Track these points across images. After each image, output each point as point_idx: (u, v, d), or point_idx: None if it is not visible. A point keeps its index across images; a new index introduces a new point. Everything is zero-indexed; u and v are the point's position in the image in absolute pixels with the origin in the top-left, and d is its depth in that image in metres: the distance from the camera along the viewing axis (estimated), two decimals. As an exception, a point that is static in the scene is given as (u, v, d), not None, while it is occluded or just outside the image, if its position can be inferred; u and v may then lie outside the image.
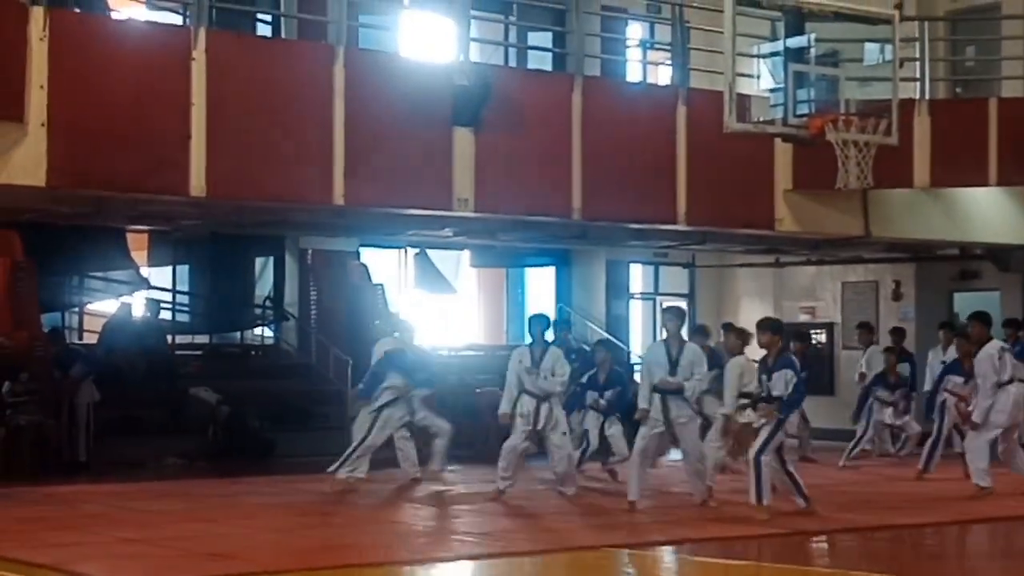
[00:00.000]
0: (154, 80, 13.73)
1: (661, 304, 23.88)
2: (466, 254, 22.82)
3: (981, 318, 14.78)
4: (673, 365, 12.87)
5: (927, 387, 18.72)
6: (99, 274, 20.07)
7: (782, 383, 12.25)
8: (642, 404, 12.88)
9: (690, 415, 13.00)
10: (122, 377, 18.14)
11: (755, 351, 13.39)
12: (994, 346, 14.21)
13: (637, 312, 23.69)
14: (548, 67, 19.62)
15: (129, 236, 19.83)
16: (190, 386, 18.27)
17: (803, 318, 22.66)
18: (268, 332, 21.40)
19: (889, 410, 18.13)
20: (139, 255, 20.47)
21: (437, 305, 22.60)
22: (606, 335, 21.70)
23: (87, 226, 17.47)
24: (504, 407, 13.67)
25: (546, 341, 13.94)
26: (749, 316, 22.93)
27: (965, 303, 20.75)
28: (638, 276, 23.80)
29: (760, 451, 12.21)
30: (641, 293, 23.85)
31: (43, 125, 13.05)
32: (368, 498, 13.87)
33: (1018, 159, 17.34)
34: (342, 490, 13.98)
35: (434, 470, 15.01)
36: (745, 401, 13.27)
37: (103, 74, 13.45)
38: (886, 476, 16.50)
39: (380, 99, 14.89)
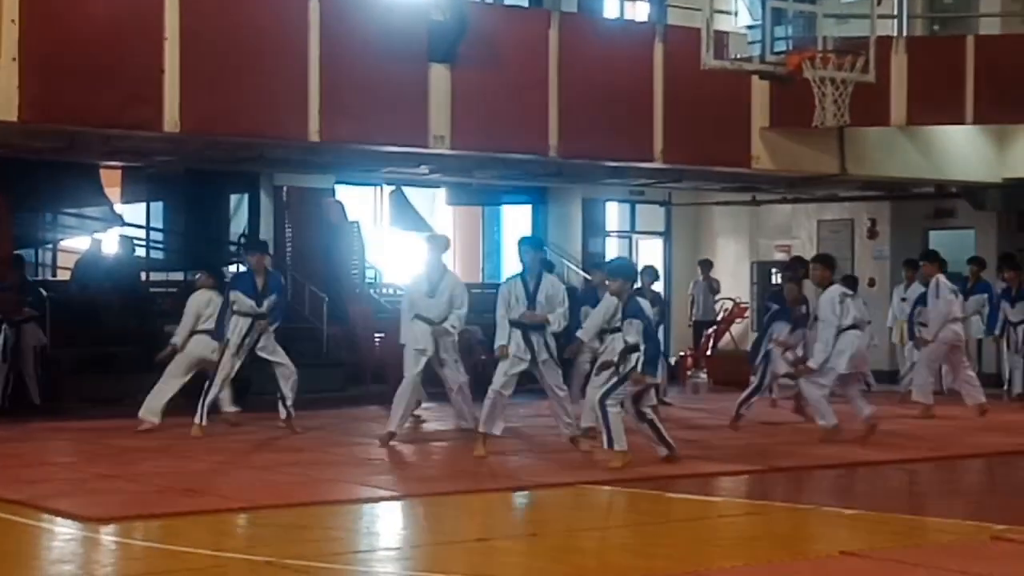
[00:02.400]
0: (127, 14, 13.62)
1: (637, 243, 23.97)
2: (442, 192, 22.77)
3: (824, 261, 14.13)
4: (531, 299, 12.29)
5: (889, 324, 19.04)
6: (72, 211, 19.96)
7: (633, 331, 11.47)
8: (500, 340, 12.27)
9: (550, 352, 12.37)
10: (96, 314, 18.07)
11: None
12: (836, 290, 13.60)
13: (613, 250, 23.69)
14: (524, 3, 19.51)
15: (103, 172, 19.72)
16: (165, 324, 18.20)
17: (779, 256, 22.70)
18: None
19: None
20: (113, 192, 20.35)
21: (412, 243, 22.56)
22: (582, 273, 21.70)
23: (60, 162, 17.35)
24: (500, 339, 12.38)
25: (541, 268, 12.62)
26: (725, 254, 23.06)
27: (940, 241, 20.83)
28: (614, 214, 23.79)
29: (604, 396, 11.46)
30: (617, 231, 23.85)
31: (14, 60, 12.95)
32: (344, 435, 13.89)
33: (994, 97, 17.37)
34: (233, 424, 13.98)
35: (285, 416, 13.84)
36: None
37: (75, 8, 13.34)
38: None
39: (355, 35, 14.79)
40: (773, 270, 22.07)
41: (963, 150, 19.19)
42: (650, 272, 15.87)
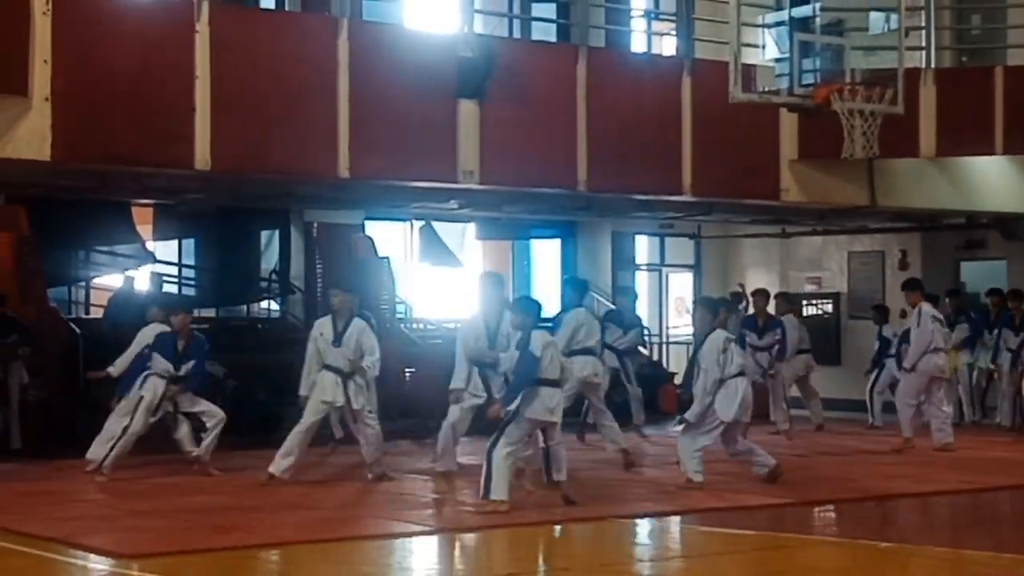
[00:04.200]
0: (158, 53, 13.71)
1: (666, 276, 23.93)
2: (472, 226, 22.80)
3: (704, 304, 13.20)
4: (491, 338, 11.90)
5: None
6: (104, 248, 20.06)
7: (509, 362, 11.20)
8: (455, 383, 11.85)
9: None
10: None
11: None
12: (719, 336, 12.51)
13: (643, 283, 23.67)
14: (552, 38, 19.57)
15: (134, 210, 19.81)
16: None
17: (809, 288, 22.65)
18: (274, 305, 21.39)
19: None
20: (144, 229, 20.46)
21: (442, 278, 22.57)
22: (612, 306, 21.68)
23: (92, 200, 17.46)
24: (456, 382, 11.99)
25: (502, 307, 12.11)
26: (755, 286, 22.96)
27: (971, 272, 20.76)
28: (644, 247, 23.77)
29: (492, 442, 11.00)
30: (647, 264, 23.83)
31: (47, 99, 13.04)
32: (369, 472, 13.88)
33: (1024, 128, 17.31)
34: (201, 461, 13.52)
35: (198, 454, 13.59)
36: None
37: (107, 47, 13.43)
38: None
39: (384, 71, 14.86)
40: (804, 302, 22.02)
41: (993, 181, 19.12)
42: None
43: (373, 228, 20.90)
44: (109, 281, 20.94)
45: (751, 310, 17.79)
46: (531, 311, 11.44)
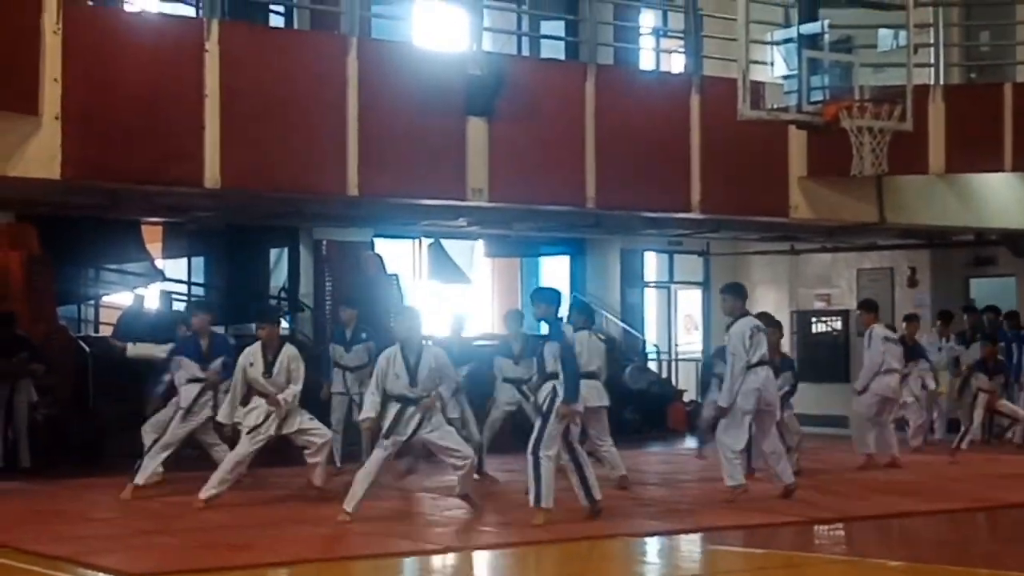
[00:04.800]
0: (167, 72, 13.73)
1: (675, 293, 23.91)
2: (480, 244, 22.81)
3: (734, 290, 13.21)
4: (412, 375, 11.49)
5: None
6: (114, 266, 20.08)
7: (551, 358, 11.05)
8: (366, 412, 11.57)
9: (438, 423, 11.64)
10: (139, 368, 18.10)
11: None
12: (747, 321, 12.74)
13: (652, 301, 23.66)
14: (561, 56, 19.58)
15: (144, 228, 19.84)
16: (206, 377, 18.24)
17: (819, 305, 22.62)
18: (283, 323, 21.41)
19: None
20: (154, 247, 20.49)
21: (451, 295, 22.59)
22: (621, 324, 21.69)
23: (102, 218, 17.48)
24: (368, 411, 11.80)
25: (421, 340, 12.23)
26: (764, 303, 22.92)
27: (981, 289, 20.72)
28: (652, 264, 23.76)
29: (535, 445, 10.92)
30: (656, 281, 23.82)
31: (57, 118, 13.06)
32: (385, 488, 13.86)
33: (1033, 144, 17.29)
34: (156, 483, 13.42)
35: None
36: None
37: (117, 66, 13.45)
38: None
39: (393, 89, 14.87)
40: (813, 319, 22.00)
41: (1003, 197, 19.09)
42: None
43: (382, 246, 20.92)
44: (118, 299, 20.97)
45: None
46: (553, 300, 11.52)
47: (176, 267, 21.23)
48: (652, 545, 10.78)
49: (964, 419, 17.65)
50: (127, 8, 15.23)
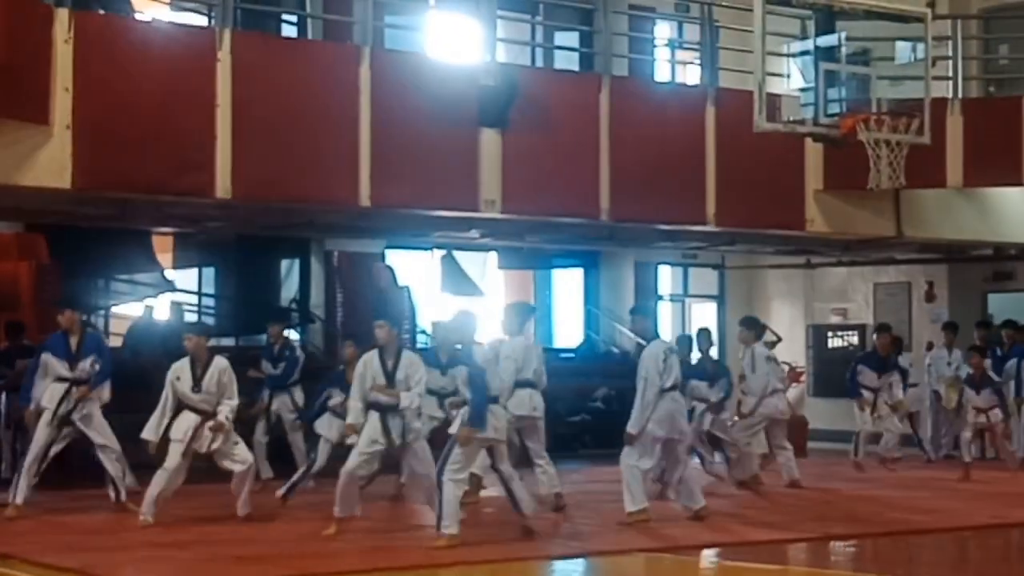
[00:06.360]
0: (179, 81, 13.67)
1: (690, 306, 23.76)
2: (493, 256, 22.71)
3: (640, 310, 13.10)
4: (389, 378, 11.44)
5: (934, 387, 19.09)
6: (124, 277, 20.03)
7: (460, 383, 10.97)
8: (350, 419, 11.51)
9: (415, 431, 11.47)
10: (149, 379, 18.03)
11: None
12: (659, 345, 12.42)
13: (666, 314, 23.52)
14: (575, 67, 19.50)
15: (154, 238, 19.79)
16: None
17: (835, 319, 22.48)
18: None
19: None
20: (164, 257, 20.43)
21: (464, 307, 22.48)
22: (635, 337, 21.53)
23: (112, 229, 17.42)
24: (351, 419, 11.71)
25: (400, 344, 12.14)
26: (780, 317, 22.84)
27: (999, 304, 20.57)
28: (667, 278, 23.63)
29: (440, 467, 10.82)
30: (670, 295, 23.68)
31: (68, 127, 13.00)
32: (382, 503, 13.75)
33: (1052, 158, 17.14)
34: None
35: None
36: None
37: (128, 76, 13.39)
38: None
39: (406, 100, 14.79)
40: (829, 334, 21.85)
41: (1021, 211, 18.94)
42: (704, 336, 15.59)
43: (394, 257, 20.84)
44: (128, 310, 20.91)
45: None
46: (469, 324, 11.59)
47: (186, 278, 21.16)
48: (664, 563, 10.64)
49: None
50: (139, 17, 15.15)
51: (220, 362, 12.53)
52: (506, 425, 11.42)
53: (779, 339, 19.70)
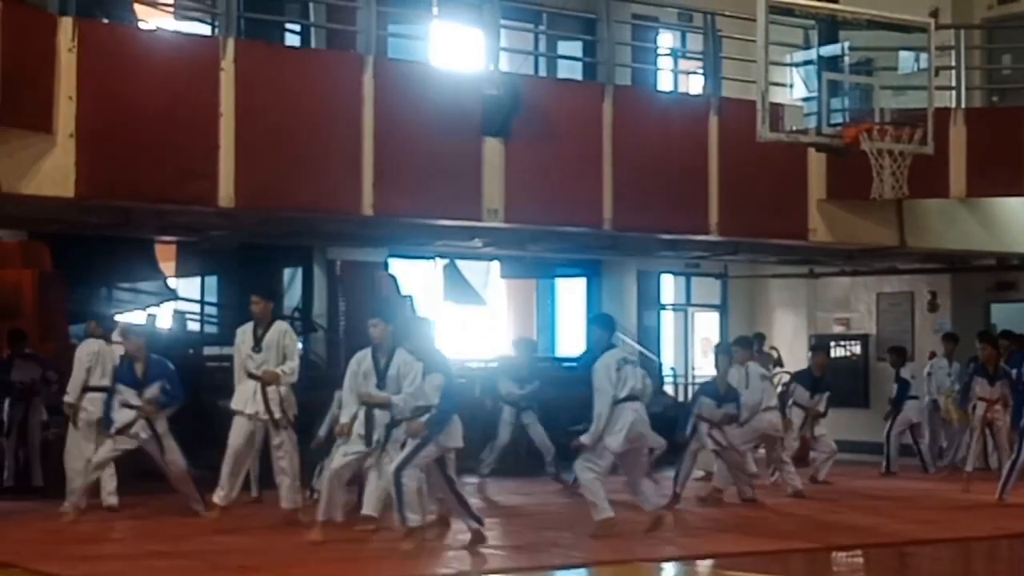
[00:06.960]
0: (183, 90, 13.68)
1: (692, 316, 23.74)
2: (496, 265, 22.70)
3: (599, 321, 12.83)
4: (381, 376, 11.60)
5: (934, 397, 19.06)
6: (127, 285, 20.03)
7: (431, 389, 10.93)
8: (344, 418, 11.65)
9: (397, 440, 11.40)
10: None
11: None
12: (613, 354, 12.18)
13: (669, 323, 23.51)
14: (578, 76, 19.50)
15: (157, 247, 19.79)
16: (218, 398, 18.14)
17: (838, 329, 22.45)
18: (297, 343, 21.29)
19: None
20: (167, 266, 20.43)
21: (466, 316, 22.47)
22: (637, 346, 21.53)
23: (115, 237, 17.43)
24: (344, 417, 11.95)
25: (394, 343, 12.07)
26: (782, 327, 22.83)
27: (1002, 314, 20.54)
28: (670, 287, 23.62)
29: (400, 467, 10.86)
30: (673, 304, 23.67)
31: (71, 136, 13.00)
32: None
33: (1056, 168, 17.13)
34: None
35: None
36: None
37: (132, 84, 13.40)
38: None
39: (409, 109, 14.80)
40: (832, 344, 21.82)
41: (1024, 222, 18.95)
42: (723, 354, 15.39)
43: (397, 266, 20.83)
44: (130, 318, 20.88)
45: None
46: (430, 331, 11.68)
47: (189, 286, 21.17)
48: (665, 573, 10.62)
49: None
50: (142, 26, 15.16)
51: (281, 325, 13.21)
52: (461, 434, 11.36)
53: (780, 359, 19.78)
